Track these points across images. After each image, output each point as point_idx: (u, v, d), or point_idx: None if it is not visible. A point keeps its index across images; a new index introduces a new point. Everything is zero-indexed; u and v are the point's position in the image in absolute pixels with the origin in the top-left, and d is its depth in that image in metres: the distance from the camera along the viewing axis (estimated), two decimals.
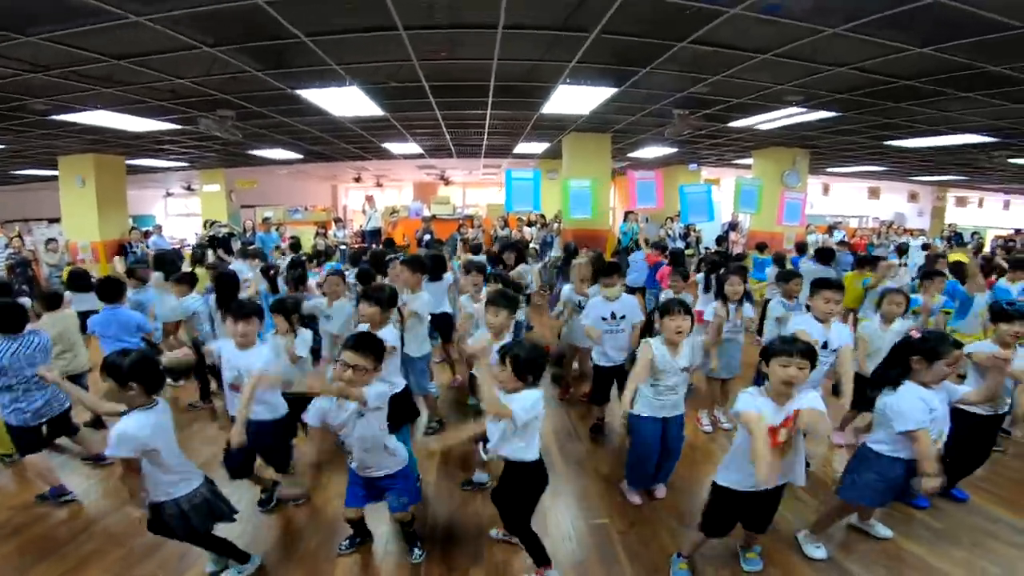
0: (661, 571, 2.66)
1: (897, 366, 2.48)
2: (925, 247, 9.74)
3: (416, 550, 2.78)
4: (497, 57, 4.95)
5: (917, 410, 2.34)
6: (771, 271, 6.36)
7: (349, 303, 4.19)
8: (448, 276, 5.06)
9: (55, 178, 10.83)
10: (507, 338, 3.16)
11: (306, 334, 3.59)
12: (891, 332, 3.65)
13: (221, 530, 2.54)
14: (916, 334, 2.52)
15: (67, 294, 5.53)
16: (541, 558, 2.58)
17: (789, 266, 6.39)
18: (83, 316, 5.28)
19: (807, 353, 2.18)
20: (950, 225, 15.18)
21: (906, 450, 2.44)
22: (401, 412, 3.02)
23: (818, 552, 2.73)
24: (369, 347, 2.42)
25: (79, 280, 5.59)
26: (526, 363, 2.32)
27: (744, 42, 4.51)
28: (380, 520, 2.99)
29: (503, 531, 2.87)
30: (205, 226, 11.17)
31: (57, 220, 11.79)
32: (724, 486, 2.37)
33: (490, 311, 3.24)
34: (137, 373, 2.17)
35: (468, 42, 4.62)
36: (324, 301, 4.27)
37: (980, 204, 18.45)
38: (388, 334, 3.16)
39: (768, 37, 4.37)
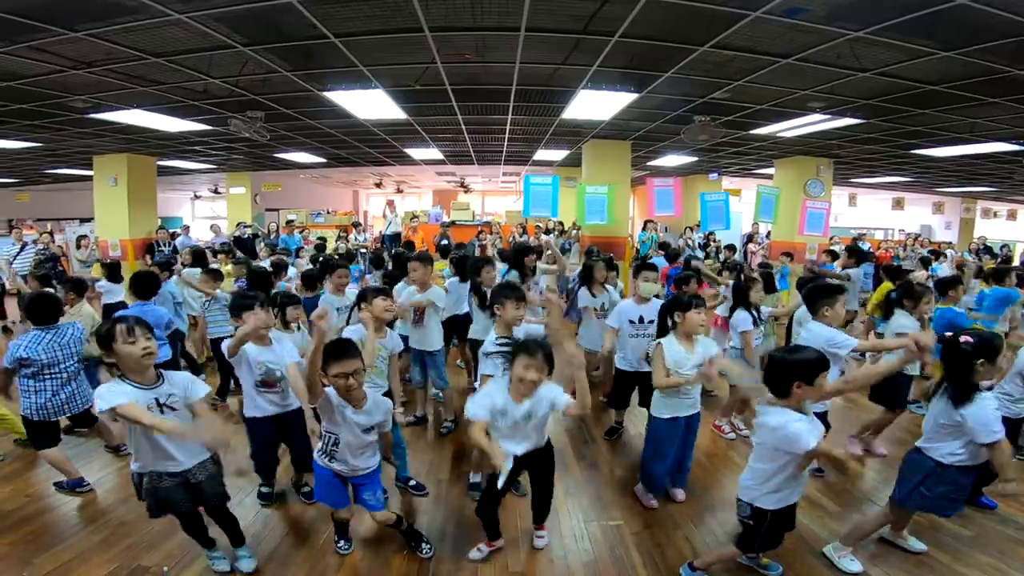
0: (674, 574, 2.62)
1: (966, 374, 2.37)
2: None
3: (424, 545, 2.78)
4: (519, 60, 5.01)
5: (997, 419, 2.29)
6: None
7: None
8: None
9: (87, 178, 11.17)
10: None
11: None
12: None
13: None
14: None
15: (100, 283, 5.75)
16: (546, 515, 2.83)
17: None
18: (114, 308, 5.50)
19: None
20: (979, 238, 14.81)
21: (975, 458, 2.40)
22: None
23: (853, 566, 2.63)
24: (352, 350, 2.42)
25: (115, 271, 5.84)
26: (550, 356, 2.36)
27: (766, 46, 4.50)
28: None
29: (488, 545, 2.79)
30: (236, 227, 11.55)
31: (87, 220, 12.17)
32: (776, 509, 2.28)
33: (508, 306, 3.00)
34: None
35: (491, 45, 4.69)
36: (335, 297, 4.33)
37: (1011, 216, 17.93)
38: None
39: (791, 41, 4.35)
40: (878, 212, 19.60)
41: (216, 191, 18.25)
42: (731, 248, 9.43)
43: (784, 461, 2.19)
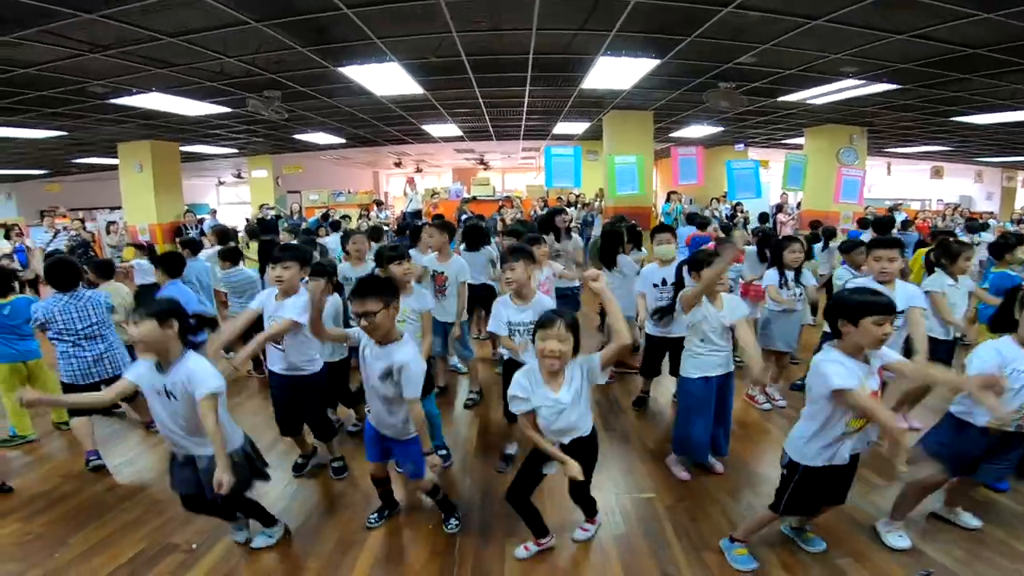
0: (710, 548, 2.54)
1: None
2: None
3: (452, 520, 2.74)
4: (535, 27, 4.85)
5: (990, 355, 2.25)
6: (819, 246, 6.21)
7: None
8: (487, 249, 4.96)
9: (114, 167, 11.37)
10: (536, 294, 3.00)
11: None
12: (963, 288, 3.54)
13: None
14: None
15: (135, 262, 5.85)
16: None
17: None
18: (147, 288, 5.57)
19: (893, 308, 2.01)
20: (1021, 207, 14.15)
21: (972, 415, 2.32)
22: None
23: (901, 542, 2.51)
24: (365, 290, 2.28)
25: (153, 254, 5.96)
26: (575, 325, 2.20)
27: (794, 7, 4.27)
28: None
29: (535, 542, 2.60)
30: (259, 209, 11.75)
31: (117, 208, 12.45)
32: (813, 466, 2.16)
33: (506, 270, 2.90)
34: None
35: (506, 11, 4.55)
36: (349, 265, 4.30)
37: None
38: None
39: (821, 2, 4.12)
40: (915, 182, 18.85)
41: (240, 176, 18.46)
42: (763, 217, 9.16)
43: (822, 406, 2.07)
